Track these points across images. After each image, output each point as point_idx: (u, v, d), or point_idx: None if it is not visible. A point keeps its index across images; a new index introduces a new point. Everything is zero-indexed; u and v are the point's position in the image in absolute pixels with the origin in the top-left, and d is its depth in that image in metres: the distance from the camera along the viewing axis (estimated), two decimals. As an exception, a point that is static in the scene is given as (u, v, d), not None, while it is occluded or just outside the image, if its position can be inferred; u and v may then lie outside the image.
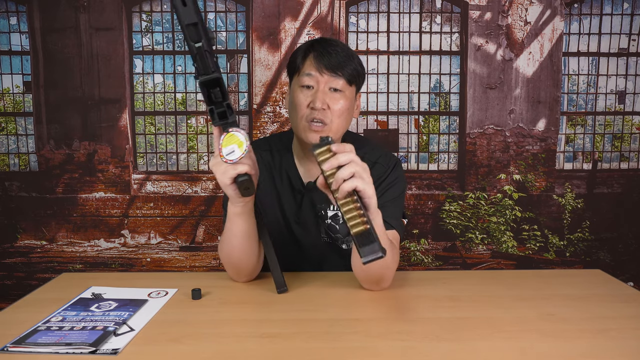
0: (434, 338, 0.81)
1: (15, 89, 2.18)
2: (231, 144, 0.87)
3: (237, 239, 1.00)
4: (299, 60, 1.09)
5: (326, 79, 1.06)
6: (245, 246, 1.01)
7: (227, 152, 0.87)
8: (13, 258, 2.25)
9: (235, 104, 2.21)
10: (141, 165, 2.23)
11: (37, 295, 1.02)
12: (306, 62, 1.08)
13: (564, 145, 2.26)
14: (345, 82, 1.07)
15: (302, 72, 1.08)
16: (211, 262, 2.27)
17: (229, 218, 0.99)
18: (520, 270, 1.69)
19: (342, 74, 1.06)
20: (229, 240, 1.02)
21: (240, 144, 0.87)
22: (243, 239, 1.00)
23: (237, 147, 0.87)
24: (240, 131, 0.88)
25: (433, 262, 2.28)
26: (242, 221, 0.98)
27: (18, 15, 2.14)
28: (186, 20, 0.83)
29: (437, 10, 2.17)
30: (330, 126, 1.07)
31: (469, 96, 2.21)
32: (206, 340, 0.81)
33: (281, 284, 1.02)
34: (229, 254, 1.04)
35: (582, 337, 0.81)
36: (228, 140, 0.87)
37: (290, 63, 1.13)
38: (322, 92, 1.06)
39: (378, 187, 1.04)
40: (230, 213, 0.98)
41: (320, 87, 1.06)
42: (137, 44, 2.17)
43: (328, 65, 1.05)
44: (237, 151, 0.87)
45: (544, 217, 2.27)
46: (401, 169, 1.18)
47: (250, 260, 1.04)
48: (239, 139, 0.87)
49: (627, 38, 2.20)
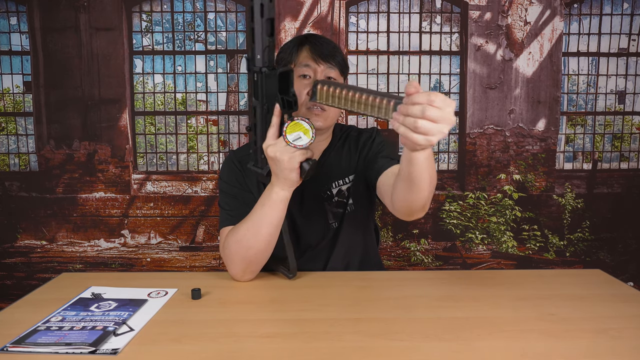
0: (434, 338, 0.81)
1: (15, 89, 2.18)
2: (296, 130, 0.95)
3: (271, 227, 1.03)
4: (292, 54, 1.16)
5: (322, 68, 1.14)
6: (274, 235, 1.05)
7: (293, 139, 0.95)
8: (13, 258, 2.25)
9: (235, 104, 2.21)
10: (141, 165, 2.23)
11: (37, 295, 1.03)
12: (301, 54, 1.15)
13: (564, 145, 2.26)
14: (338, 72, 1.17)
15: (298, 64, 1.15)
16: (211, 262, 2.27)
17: (272, 206, 1.01)
18: (520, 270, 1.69)
19: (335, 63, 1.15)
20: (257, 229, 1.03)
21: (306, 131, 0.95)
22: (277, 227, 1.04)
23: (303, 134, 0.95)
24: (305, 119, 0.96)
25: (433, 262, 2.28)
26: (284, 207, 1.03)
27: (18, 15, 2.14)
28: (269, 14, 0.90)
29: (437, 10, 2.17)
30: (328, 112, 1.15)
31: (469, 96, 2.21)
32: (206, 340, 0.81)
33: (295, 269, 1.09)
34: (251, 246, 1.04)
35: (582, 337, 0.81)
36: (293, 128, 0.95)
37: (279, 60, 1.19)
38: None
39: (372, 146, 1.23)
40: (275, 200, 1.01)
41: (318, 76, 1.14)
42: (137, 44, 2.17)
43: (322, 55, 1.14)
44: (304, 137, 0.95)
45: (544, 217, 2.27)
46: (381, 134, 1.32)
47: (269, 252, 1.07)
48: (304, 126, 0.95)
49: (627, 38, 2.20)
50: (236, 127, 2.21)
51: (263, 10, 0.89)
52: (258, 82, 0.96)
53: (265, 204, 1.02)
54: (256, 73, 0.95)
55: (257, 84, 0.96)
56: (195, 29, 2.16)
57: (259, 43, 0.91)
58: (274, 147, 0.95)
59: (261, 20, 0.89)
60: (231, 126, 2.21)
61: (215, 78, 2.19)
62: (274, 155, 0.95)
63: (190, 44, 2.17)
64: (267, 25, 0.90)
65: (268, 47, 0.92)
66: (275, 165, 0.96)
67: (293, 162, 0.95)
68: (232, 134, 2.22)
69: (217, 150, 2.23)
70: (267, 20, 0.90)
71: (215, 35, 2.16)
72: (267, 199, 1.02)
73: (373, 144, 1.25)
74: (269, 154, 0.96)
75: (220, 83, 2.19)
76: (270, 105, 0.97)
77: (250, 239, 1.04)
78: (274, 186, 1.00)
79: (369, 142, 1.25)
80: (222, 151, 2.23)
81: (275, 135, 0.97)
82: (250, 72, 0.96)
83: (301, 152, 0.95)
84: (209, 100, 2.20)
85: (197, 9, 2.15)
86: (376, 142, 1.25)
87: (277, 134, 0.97)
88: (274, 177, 1.00)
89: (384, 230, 2.26)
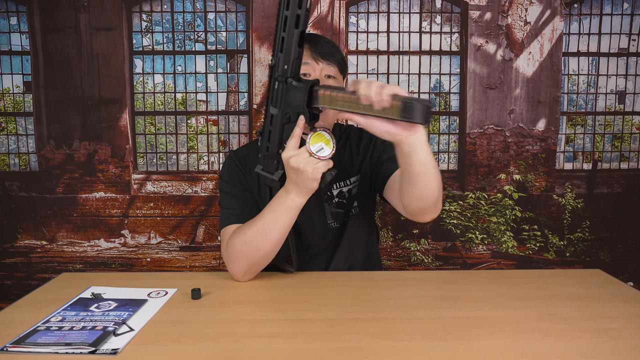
0: (434, 338, 0.81)
1: (15, 89, 2.18)
2: (318, 142, 0.95)
3: (281, 232, 1.03)
4: None
5: (321, 66, 1.13)
6: (282, 240, 1.05)
7: (316, 150, 0.95)
8: (13, 258, 2.25)
9: (235, 104, 2.21)
10: (141, 165, 2.23)
11: (37, 295, 1.02)
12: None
13: (564, 145, 2.26)
14: (338, 70, 1.16)
15: None
16: (211, 262, 2.27)
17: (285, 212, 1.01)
18: (520, 270, 1.69)
19: (333, 61, 1.14)
20: (267, 233, 1.03)
21: (328, 142, 0.95)
22: (286, 232, 1.04)
23: (325, 145, 0.95)
24: (327, 130, 0.96)
25: (433, 262, 2.28)
26: (297, 213, 1.03)
27: (18, 15, 2.14)
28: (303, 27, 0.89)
29: (437, 10, 2.17)
30: (327, 112, 1.14)
31: (469, 96, 2.21)
32: (206, 340, 0.81)
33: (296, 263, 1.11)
34: (259, 248, 1.04)
35: (582, 337, 0.81)
36: (315, 139, 0.95)
37: None
38: (320, 79, 1.13)
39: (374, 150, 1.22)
40: (290, 207, 1.01)
41: (317, 74, 1.13)
42: (137, 44, 2.17)
43: (322, 53, 1.13)
44: (326, 148, 0.95)
45: (544, 217, 2.27)
46: None
47: (274, 254, 1.07)
48: (326, 137, 0.96)
49: (627, 38, 2.20)
50: (236, 127, 2.21)
51: (299, 22, 0.88)
52: (279, 91, 0.95)
53: (278, 209, 1.01)
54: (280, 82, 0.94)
55: (277, 92, 0.95)
56: (195, 29, 2.16)
57: (288, 54, 0.90)
58: (297, 158, 0.94)
59: (295, 32, 0.88)
60: (231, 126, 2.21)
61: (215, 78, 2.19)
62: (297, 166, 0.94)
63: (190, 44, 2.17)
64: (300, 36, 0.89)
65: (297, 59, 0.91)
66: (297, 175, 0.96)
67: (316, 173, 0.95)
68: (232, 134, 2.22)
69: (217, 150, 2.23)
70: (301, 32, 0.89)
71: (215, 35, 2.16)
72: (281, 204, 1.01)
73: (375, 146, 1.24)
74: (291, 165, 0.95)
75: (220, 83, 2.19)
76: (292, 115, 0.96)
77: (259, 241, 1.04)
78: (289, 193, 1.00)
79: (371, 145, 1.24)
80: (222, 151, 2.23)
81: (296, 145, 0.96)
82: (272, 79, 0.95)
83: (324, 163, 0.95)
84: (209, 100, 2.20)
85: (197, 9, 2.15)
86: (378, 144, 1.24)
87: (298, 144, 0.96)
88: (292, 185, 0.99)
89: (384, 230, 2.26)
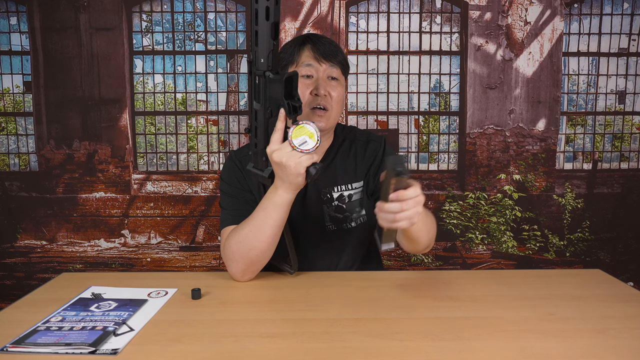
0: (434, 338, 0.81)
1: (15, 89, 2.18)
2: (301, 135, 0.93)
3: (274, 229, 1.03)
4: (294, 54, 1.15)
5: (324, 67, 1.13)
6: (276, 237, 1.05)
7: (299, 143, 0.93)
8: (13, 258, 2.25)
9: (235, 104, 2.21)
10: (141, 165, 2.23)
11: (37, 295, 1.02)
12: (302, 54, 1.14)
13: (564, 145, 2.26)
14: (340, 72, 1.16)
15: (300, 63, 1.14)
16: (211, 262, 2.27)
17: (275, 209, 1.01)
18: (520, 270, 1.69)
19: (336, 62, 1.14)
20: (260, 231, 1.03)
21: (311, 135, 0.94)
22: (280, 229, 1.04)
23: (309, 138, 0.93)
24: (310, 123, 0.94)
25: (433, 262, 2.28)
26: (288, 210, 1.02)
27: (18, 15, 2.14)
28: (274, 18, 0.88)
29: (437, 10, 2.17)
30: (331, 112, 1.14)
31: (469, 96, 2.21)
32: (206, 340, 0.81)
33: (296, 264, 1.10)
34: (254, 247, 1.04)
35: (582, 337, 0.81)
36: (298, 132, 0.93)
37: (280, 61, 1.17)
38: (323, 80, 1.14)
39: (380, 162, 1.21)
40: (279, 203, 1.00)
41: (320, 75, 1.13)
42: (137, 44, 2.17)
43: (324, 54, 1.13)
44: (310, 142, 0.93)
45: (544, 217, 2.27)
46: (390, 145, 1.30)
47: (270, 253, 1.07)
48: (309, 130, 0.94)
49: (627, 38, 2.20)
50: (236, 127, 2.21)
51: (269, 13, 0.87)
52: (260, 86, 0.94)
53: (269, 206, 1.01)
54: (259, 76, 0.93)
55: (259, 87, 0.94)
56: (195, 29, 2.16)
57: (263, 46, 0.89)
58: (280, 152, 0.93)
59: (266, 24, 0.87)
60: (231, 126, 2.21)
61: (215, 78, 2.19)
62: (280, 161, 0.93)
63: (190, 44, 2.17)
64: (272, 28, 0.88)
65: (272, 51, 0.90)
66: (281, 170, 0.95)
67: (299, 168, 0.93)
68: (232, 134, 2.22)
69: (217, 150, 2.23)
70: (272, 24, 0.87)
71: (215, 35, 2.16)
72: (270, 201, 1.01)
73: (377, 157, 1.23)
74: (274, 159, 0.94)
75: (220, 83, 2.19)
76: (273, 109, 0.95)
77: (252, 240, 1.03)
78: (278, 189, 0.99)
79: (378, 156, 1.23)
80: (222, 151, 2.23)
81: (279, 139, 0.95)
82: (252, 75, 0.94)
83: (308, 157, 0.94)
84: (209, 100, 2.20)
85: (197, 9, 2.15)
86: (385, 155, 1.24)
87: (282, 138, 0.95)
88: (279, 180, 0.98)
89: (384, 230, 2.25)
